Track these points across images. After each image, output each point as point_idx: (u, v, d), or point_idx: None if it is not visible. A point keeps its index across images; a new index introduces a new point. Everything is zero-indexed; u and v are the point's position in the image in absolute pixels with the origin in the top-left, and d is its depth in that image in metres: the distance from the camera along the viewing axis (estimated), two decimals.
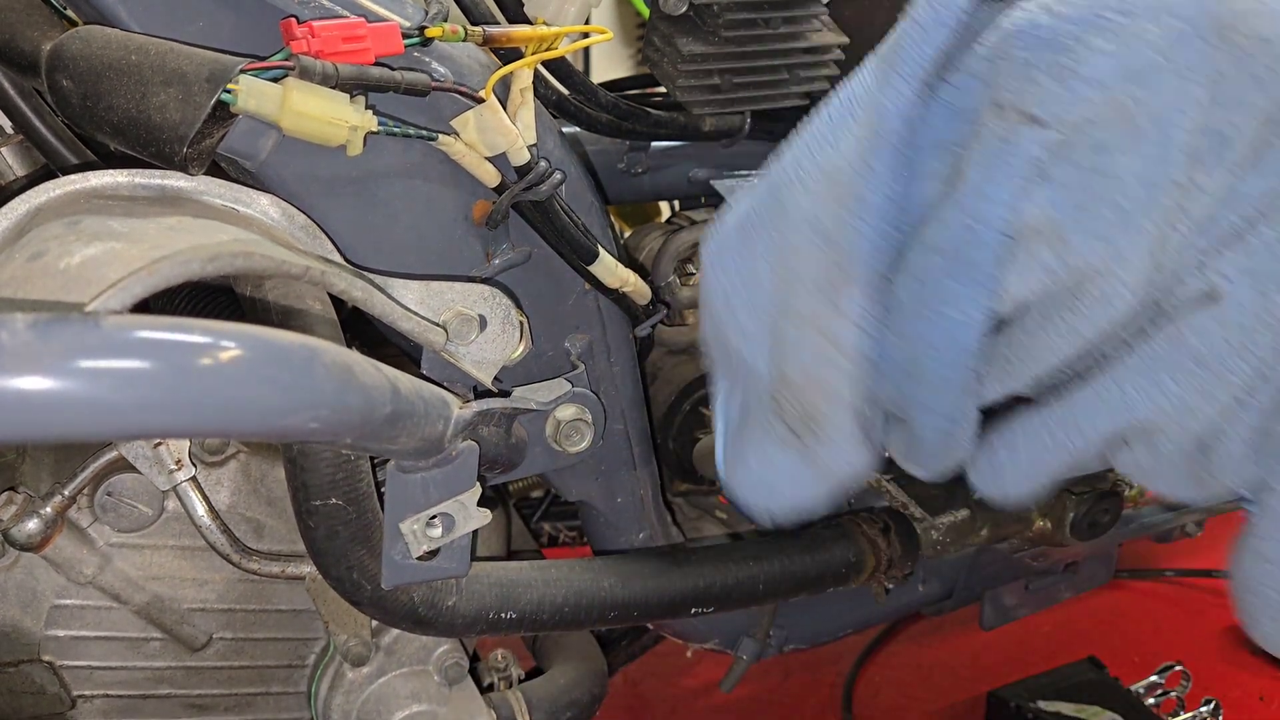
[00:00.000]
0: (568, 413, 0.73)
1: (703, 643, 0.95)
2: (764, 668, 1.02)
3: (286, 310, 0.59)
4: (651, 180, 0.99)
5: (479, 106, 0.62)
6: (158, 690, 0.76)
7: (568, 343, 0.76)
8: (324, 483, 0.59)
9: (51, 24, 0.61)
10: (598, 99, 0.84)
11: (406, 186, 0.65)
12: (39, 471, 0.73)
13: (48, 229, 0.50)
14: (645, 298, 0.77)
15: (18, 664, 0.73)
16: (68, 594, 0.73)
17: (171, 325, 0.37)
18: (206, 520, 0.71)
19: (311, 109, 0.55)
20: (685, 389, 0.95)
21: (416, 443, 0.54)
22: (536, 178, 0.66)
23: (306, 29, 0.56)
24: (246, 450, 0.75)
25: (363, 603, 0.64)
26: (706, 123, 0.89)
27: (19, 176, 0.75)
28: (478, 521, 0.63)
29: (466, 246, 0.69)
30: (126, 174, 0.55)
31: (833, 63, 0.86)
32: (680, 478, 0.98)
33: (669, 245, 0.93)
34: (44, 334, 0.34)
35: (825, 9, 0.85)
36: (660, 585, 0.74)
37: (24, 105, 0.68)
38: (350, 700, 0.77)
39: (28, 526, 0.68)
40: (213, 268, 0.47)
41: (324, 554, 0.62)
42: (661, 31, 0.83)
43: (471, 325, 0.63)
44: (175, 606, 0.75)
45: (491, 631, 0.69)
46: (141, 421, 0.36)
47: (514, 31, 0.64)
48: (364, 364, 0.46)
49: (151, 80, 0.52)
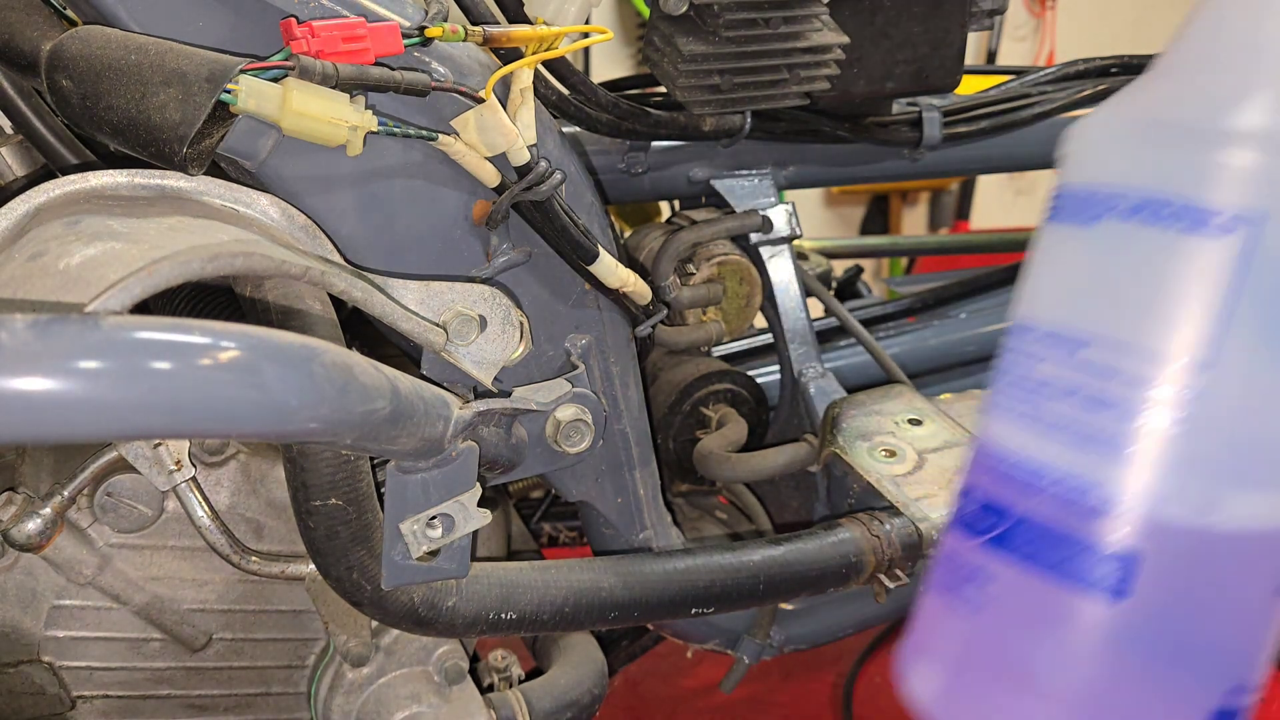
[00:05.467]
0: (568, 413, 0.73)
1: (703, 643, 0.95)
2: (764, 668, 1.02)
3: (286, 310, 0.59)
4: (651, 180, 0.99)
5: (479, 106, 0.62)
6: (158, 691, 0.76)
7: (568, 343, 0.76)
8: (324, 483, 0.59)
9: (51, 24, 0.61)
10: (598, 99, 0.84)
11: (406, 186, 0.65)
12: (39, 472, 0.73)
13: (48, 229, 0.50)
14: (645, 298, 0.77)
15: (17, 664, 0.73)
16: (67, 594, 0.73)
17: (171, 326, 0.37)
18: (206, 521, 0.71)
19: (311, 109, 0.55)
20: (685, 389, 0.95)
21: (416, 443, 0.54)
22: (536, 178, 0.66)
23: (306, 29, 0.56)
24: (246, 451, 0.75)
25: (363, 603, 0.64)
26: (706, 123, 0.89)
27: (19, 176, 0.75)
28: (478, 522, 0.63)
29: (466, 246, 0.69)
30: (126, 174, 0.55)
31: (833, 62, 0.86)
32: (680, 478, 0.98)
33: (669, 245, 0.93)
34: (44, 334, 0.34)
35: (825, 9, 0.85)
36: (660, 585, 0.73)
37: (24, 105, 0.68)
38: (350, 701, 0.77)
39: (28, 527, 0.68)
40: (213, 268, 0.47)
41: (324, 554, 0.62)
42: (661, 31, 0.83)
43: (471, 325, 0.63)
44: (175, 607, 0.75)
45: (491, 632, 0.69)
46: (141, 422, 0.36)
47: (514, 31, 0.63)
48: (364, 364, 0.46)
49: (151, 80, 0.52)
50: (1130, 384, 0.38)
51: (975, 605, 0.42)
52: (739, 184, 1.01)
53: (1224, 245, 0.37)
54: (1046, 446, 0.40)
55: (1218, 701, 0.40)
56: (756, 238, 0.98)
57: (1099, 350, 0.39)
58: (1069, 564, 0.39)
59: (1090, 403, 0.39)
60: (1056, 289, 0.42)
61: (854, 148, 1.06)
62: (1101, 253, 0.40)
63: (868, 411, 0.89)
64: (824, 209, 3.69)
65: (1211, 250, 0.37)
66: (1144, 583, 0.38)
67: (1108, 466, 0.38)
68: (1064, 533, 0.39)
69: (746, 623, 0.95)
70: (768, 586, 0.76)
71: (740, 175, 1.01)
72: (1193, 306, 0.37)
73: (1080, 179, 0.42)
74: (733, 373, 0.97)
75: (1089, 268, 0.41)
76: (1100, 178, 0.41)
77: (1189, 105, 0.39)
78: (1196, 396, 0.37)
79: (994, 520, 0.42)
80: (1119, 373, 0.38)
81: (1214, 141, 0.37)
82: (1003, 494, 0.42)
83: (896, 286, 2.11)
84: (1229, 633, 0.39)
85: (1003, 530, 0.41)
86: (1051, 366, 0.41)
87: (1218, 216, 0.37)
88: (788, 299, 0.99)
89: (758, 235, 0.98)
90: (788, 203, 1.01)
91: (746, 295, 0.97)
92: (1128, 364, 0.38)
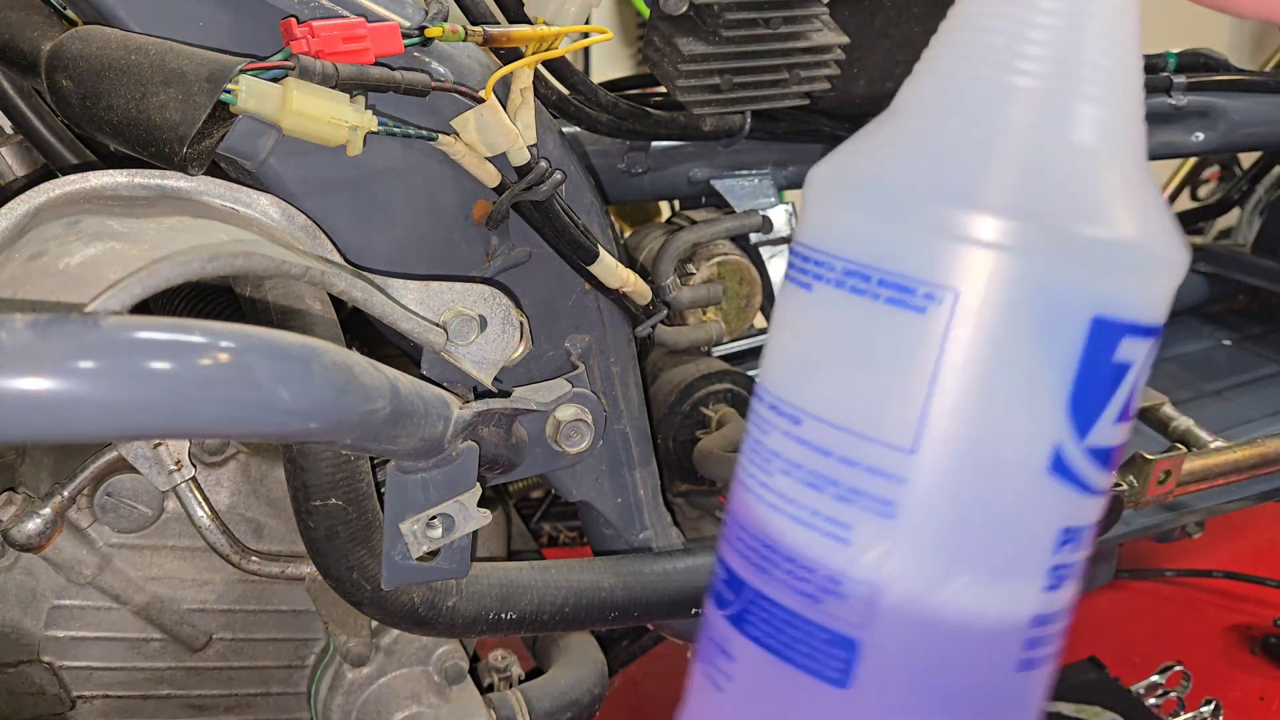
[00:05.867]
0: (568, 413, 0.73)
1: None
2: None
3: (286, 310, 0.59)
4: (651, 180, 0.99)
5: (479, 106, 0.62)
6: (158, 691, 0.76)
7: (568, 343, 0.76)
8: (324, 483, 0.59)
9: (51, 24, 0.61)
10: (598, 99, 0.84)
11: (406, 186, 0.65)
12: (39, 472, 0.73)
13: (47, 229, 0.49)
14: (645, 298, 0.77)
15: (17, 664, 0.73)
16: (67, 594, 0.73)
17: (171, 326, 0.37)
18: (206, 521, 0.71)
19: (311, 109, 0.55)
20: (685, 389, 0.95)
21: (416, 443, 0.54)
22: (536, 178, 0.66)
23: (306, 29, 0.56)
24: (246, 451, 0.75)
25: (363, 603, 0.64)
26: (706, 123, 0.89)
27: (19, 176, 0.75)
28: (478, 522, 0.63)
29: (466, 246, 0.69)
30: (126, 174, 0.55)
31: (833, 62, 0.86)
32: (680, 478, 0.98)
33: (669, 245, 0.93)
34: (43, 334, 0.34)
35: (825, 9, 0.85)
36: (660, 585, 0.74)
37: (24, 105, 0.67)
38: (350, 701, 0.77)
39: (28, 527, 0.68)
40: (213, 268, 0.47)
41: (324, 554, 0.62)
42: (661, 31, 0.83)
43: (471, 325, 0.63)
44: (175, 607, 0.75)
45: (491, 632, 0.69)
46: (141, 422, 0.36)
47: (514, 31, 0.63)
48: (364, 364, 0.46)
49: (151, 80, 0.52)
50: (842, 464, 0.36)
51: (721, 682, 0.40)
52: (739, 184, 1.01)
53: (925, 321, 0.35)
54: (777, 522, 0.38)
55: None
56: (757, 238, 0.98)
57: (812, 428, 0.37)
58: (795, 648, 0.38)
59: (810, 481, 0.37)
60: (780, 355, 0.40)
61: None
62: (817, 320, 0.38)
63: None
64: None
65: (913, 325, 0.35)
66: (867, 670, 0.37)
67: (827, 548, 0.37)
68: (791, 613, 0.38)
69: None
70: None
71: (740, 175, 1.01)
72: (894, 385, 0.36)
73: (802, 236, 0.40)
74: (733, 373, 0.97)
75: (806, 336, 0.39)
76: (815, 240, 0.39)
77: (906, 170, 0.37)
78: (902, 480, 0.35)
79: (733, 594, 0.40)
80: (831, 452, 0.37)
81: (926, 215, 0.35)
82: (741, 568, 0.40)
83: None
84: (972, 715, 0.37)
85: (740, 608, 0.40)
86: (778, 438, 0.39)
87: (916, 291, 0.35)
88: None
89: (758, 235, 0.98)
90: (788, 203, 1.01)
91: (747, 295, 0.97)
92: (838, 444, 0.37)
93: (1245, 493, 1.14)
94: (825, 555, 0.37)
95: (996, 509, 0.36)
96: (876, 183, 0.37)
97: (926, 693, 0.37)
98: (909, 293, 0.35)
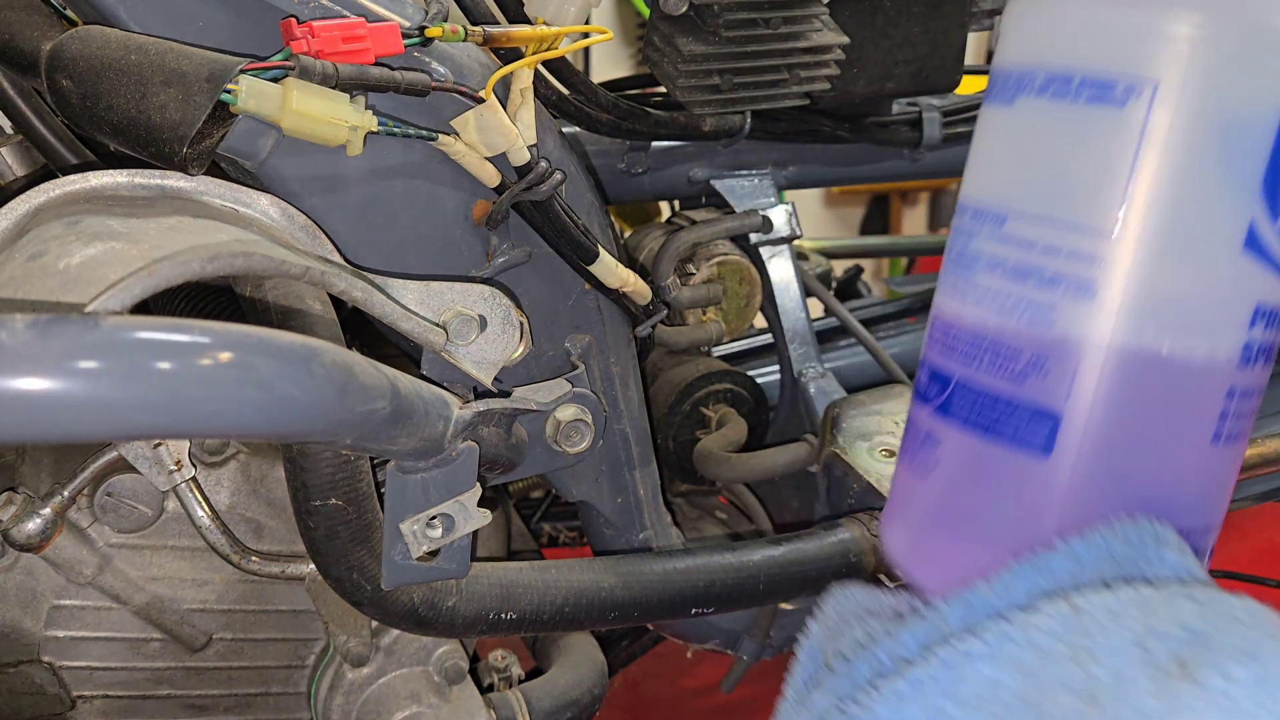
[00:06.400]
0: (568, 413, 0.73)
1: (703, 643, 0.95)
2: (764, 668, 1.02)
3: (286, 310, 0.59)
4: (651, 180, 0.99)
5: (479, 106, 0.62)
6: (157, 691, 0.76)
7: (568, 343, 0.76)
8: (324, 483, 0.59)
9: (51, 24, 0.61)
10: (598, 99, 0.84)
11: (406, 186, 0.65)
12: (39, 472, 0.73)
13: (48, 229, 0.49)
14: (645, 298, 0.77)
15: (17, 664, 0.73)
16: (67, 594, 0.73)
17: (171, 326, 0.37)
18: (206, 521, 0.71)
19: (311, 109, 0.55)
20: (685, 389, 0.95)
21: (416, 443, 0.54)
22: (536, 178, 0.66)
23: (306, 29, 0.56)
24: (246, 451, 0.75)
25: (363, 603, 0.64)
26: (706, 123, 0.89)
27: (19, 176, 0.75)
28: (478, 522, 0.63)
29: (466, 246, 0.69)
30: (126, 174, 0.55)
31: (833, 62, 0.86)
32: (680, 478, 0.98)
33: (669, 245, 0.93)
34: (43, 334, 0.33)
35: (825, 9, 0.85)
36: (660, 585, 0.73)
37: (24, 105, 0.68)
38: (350, 701, 0.77)
39: (28, 527, 0.68)
40: (213, 268, 0.47)
41: (324, 554, 0.62)
42: (661, 31, 0.83)
43: (471, 325, 0.63)
44: (175, 607, 0.75)
45: (491, 632, 0.69)
46: (141, 422, 0.36)
47: (514, 31, 0.63)
48: (364, 364, 0.46)
49: (151, 80, 0.52)
50: (1045, 254, 0.40)
51: (928, 468, 0.44)
52: (739, 184, 1.01)
53: (1125, 113, 0.38)
54: (979, 315, 0.42)
55: None
56: (756, 238, 0.98)
57: (1017, 224, 0.41)
58: (1000, 425, 0.41)
59: (1013, 274, 0.41)
60: (984, 168, 0.44)
61: (854, 148, 1.06)
62: (1019, 129, 0.42)
63: (868, 411, 0.89)
64: (824, 209, 3.69)
65: (1114, 119, 0.38)
66: (1068, 438, 0.40)
67: (1034, 330, 0.40)
68: (995, 396, 0.41)
69: (746, 623, 0.95)
70: (768, 586, 0.76)
71: (740, 175, 1.01)
72: (1095, 175, 0.39)
73: (1003, 59, 0.44)
74: (733, 373, 0.97)
75: (1008, 145, 0.43)
76: (1017, 56, 0.42)
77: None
78: (1104, 262, 0.39)
79: (939, 387, 0.44)
80: (1035, 243, 0.40)
81: (1119, 9, 0.39)
82: (945, 363, 0.44)
83: (896, 286, 2.11)
84: (1169, 481, 0.41)
85: (945, 397, 0.44)
86: (981, 241, 0.43)
87: (1116, 86, 0.38)
88: (788, 299, 0.99)
89: (758, 235, 0.98)
90: (788, 203, 1.01)
91: (746, 295, 0.97)
92: (1042, 235, 0.40)
93: (1245, 493, 1.14)
94: (1031, 337, 0.40)
95: (1195, 283, 0.39)
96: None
97: (1124, 458, 0.40)
98: (1109, 88, 0.38)
